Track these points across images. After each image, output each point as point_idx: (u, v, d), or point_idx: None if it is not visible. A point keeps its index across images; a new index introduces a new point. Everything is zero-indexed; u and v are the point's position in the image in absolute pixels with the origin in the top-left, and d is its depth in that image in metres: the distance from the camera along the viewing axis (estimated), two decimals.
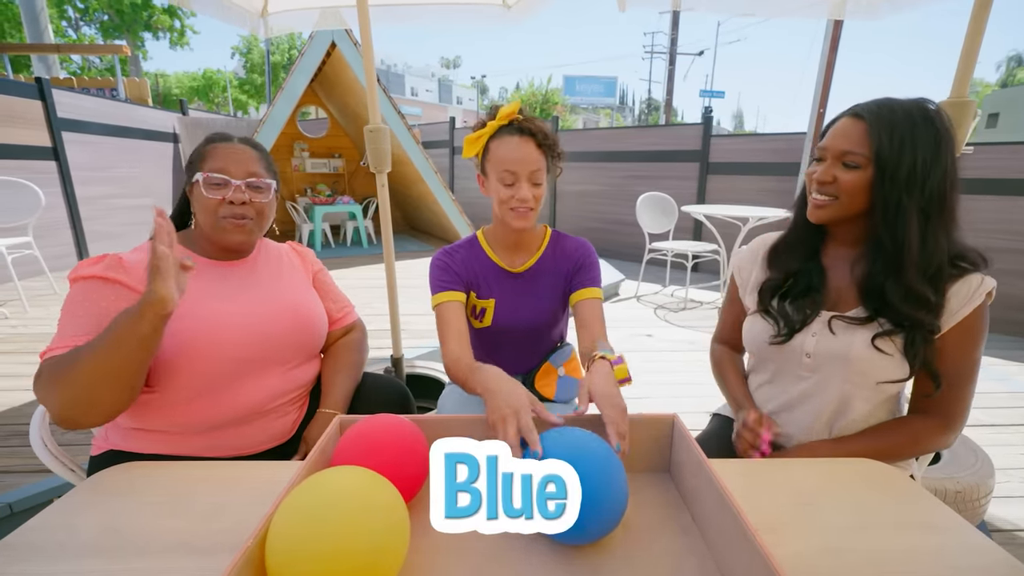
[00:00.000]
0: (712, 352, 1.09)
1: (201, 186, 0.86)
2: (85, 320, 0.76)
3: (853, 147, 0.78)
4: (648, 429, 0.71)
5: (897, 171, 0.75)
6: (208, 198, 0.86)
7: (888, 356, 0.79)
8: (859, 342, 0.80)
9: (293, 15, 2.27)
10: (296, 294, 0.98)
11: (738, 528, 0.50)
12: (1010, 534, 1.37)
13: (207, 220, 0.88)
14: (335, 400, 0.96)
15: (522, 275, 1.10)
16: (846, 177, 0.79)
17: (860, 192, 0.79)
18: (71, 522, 0.61)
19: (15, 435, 1.77)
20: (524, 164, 0.95)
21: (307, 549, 0.43)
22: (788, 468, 0.76)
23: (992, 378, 2.50)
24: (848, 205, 0.80)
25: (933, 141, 0.74)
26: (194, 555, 0.55)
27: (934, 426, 0.82)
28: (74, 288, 0.80)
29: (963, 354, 0.79)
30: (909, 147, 0.74)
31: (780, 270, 0.91)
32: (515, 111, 0.98)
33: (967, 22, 1.18)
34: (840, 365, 0.82)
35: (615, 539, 0.59)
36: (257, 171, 0.90)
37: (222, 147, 0.90)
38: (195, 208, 0.90)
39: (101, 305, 0.78)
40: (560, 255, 1.10)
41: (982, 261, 0.78)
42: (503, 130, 0.97)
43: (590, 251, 1.11)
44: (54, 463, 0.85)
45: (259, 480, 0.69)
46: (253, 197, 0.89)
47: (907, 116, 0.75)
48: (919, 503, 0.67)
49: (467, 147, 1.02)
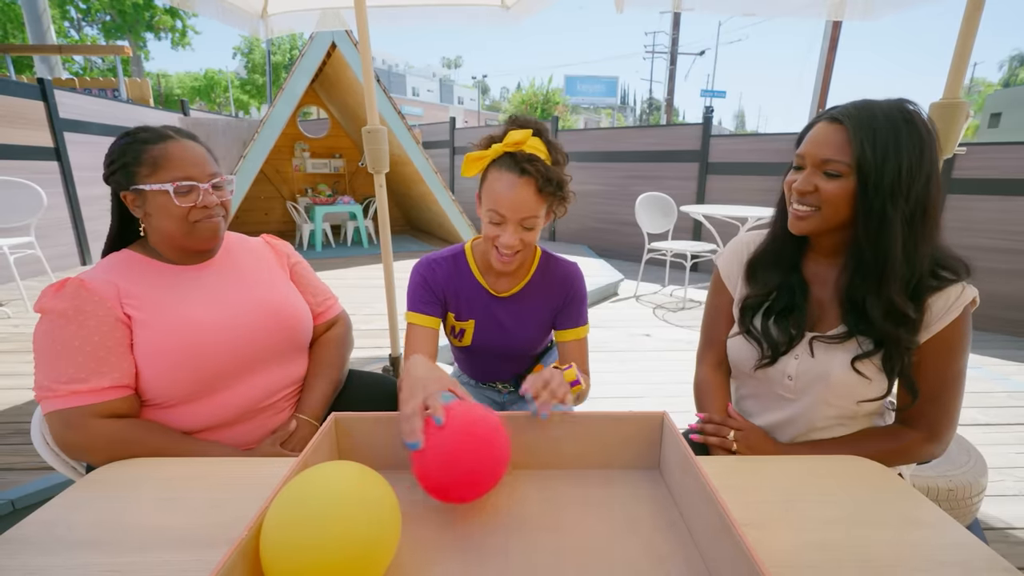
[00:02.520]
0: (697, 380, 0.97)
1: (171, 196, 0.82)
2: (84, 359, 0.77)
3: (834, 155, 0.73)
4: (638, 427, 0.72)
5: (881, 180, 0.71)
6: (179, 206, 0.83)
7: (867, 379, 0.77)
8: (839, 364, 0.78)
9: (293, 16, 2.29)
10: (274, 292, 0.96)
11: (722, 523, 0.51)
12: (1003, 532, 1.37)
13: (177, 227, 0.85)
14: (312, 407, 0.95)
15: (507, 300, 1.05)
16: (828, 187, 0.75)
17: (843, 202, 0.75)
18: (70, 517, 0.62)
19: (16, 433, 1.78)
20: (516, 209, 0.87)
21: (300, 539, 0.44)
22: (776, 465, 0.77)
23: (990, 378, 2.51)
24: (831, 216, 0.77)
25: (917, 146, 0.71)
26: (193, 548, 0.56)
27: (919, 438, 0.80)
28: (44, 321, 0.77)
29: (944, 366, 0.76)
30: (893, 154, 0.70)
31: (761, 285, 0.87)
32: (526, 139, 0.88)
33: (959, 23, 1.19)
34: (821, 387, 0.81)
35: (605, 535, 0.60)
36: (215, 170, 0.88)
37: (174, 147, 0.84)
38: (154, 215, 0.84)
39: (93, 340, 0.77)
40: (549, 282, 1.05)
41: (964, 270, 0.76)
42: (505, 161, 0.87)
43: (578, 282, 1.06)
44: (55, 460, 0.86)
45: (257, 476, 0.70)
46: (220, 197, 0.89)
47: (889, 120, 0.71)
48: (904, 499, 0.67)
49: (467, 166, 0.93)
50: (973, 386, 2.41)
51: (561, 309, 1.05)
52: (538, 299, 1.05)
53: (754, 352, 0.86)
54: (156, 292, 0.84)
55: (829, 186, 0.75)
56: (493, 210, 0.88)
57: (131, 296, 0.82)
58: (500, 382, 1.19)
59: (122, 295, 0.81)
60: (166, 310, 0.83)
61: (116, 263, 0.86)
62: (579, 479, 0.71)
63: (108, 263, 0.86)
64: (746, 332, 0.88)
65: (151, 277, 0.86)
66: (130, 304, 0.81)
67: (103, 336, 0.78)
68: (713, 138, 4.77)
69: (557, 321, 1.06)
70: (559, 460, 0.73)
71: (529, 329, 1.06)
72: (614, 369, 2.58)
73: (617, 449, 0.72)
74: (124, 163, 0.83)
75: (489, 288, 1.04)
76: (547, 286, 1.05)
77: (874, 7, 1.78)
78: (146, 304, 0.82)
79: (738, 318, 0.91)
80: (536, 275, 1.05)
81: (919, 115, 0.73)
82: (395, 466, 0.69)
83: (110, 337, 0.79)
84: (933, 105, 1.20)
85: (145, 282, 0.85)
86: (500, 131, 0.91)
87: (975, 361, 2.73)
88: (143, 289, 0.84)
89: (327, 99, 6.39)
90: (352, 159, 6.55)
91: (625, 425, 0.71)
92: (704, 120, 4.89)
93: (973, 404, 2.21)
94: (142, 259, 0.88)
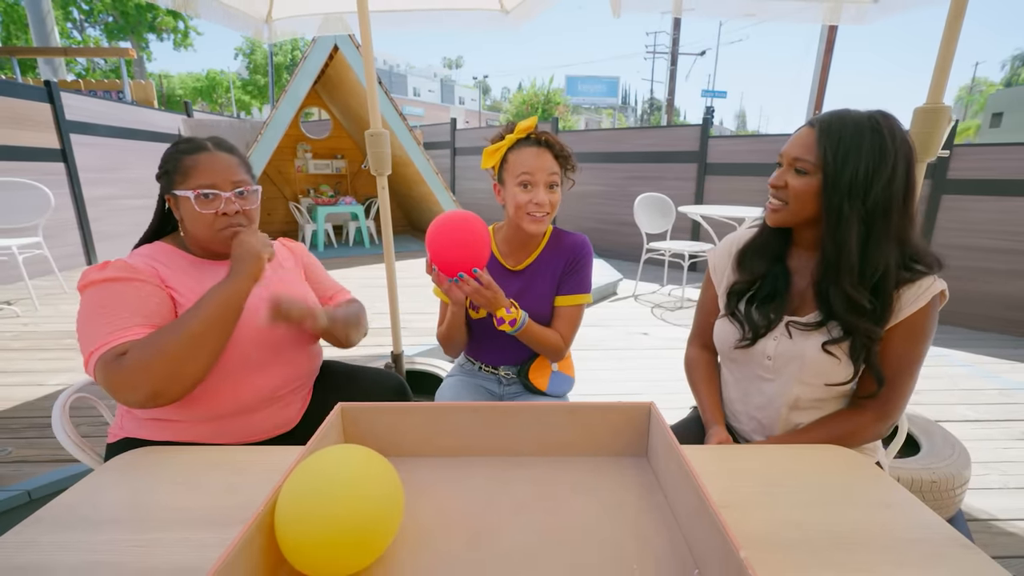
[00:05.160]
0: (687, 359, 1.10)
1: (192, 203, 0.88)
2: (127, 314, 0.79)
3: (803, 154, 0.82)
4: (627, 416, 0.76)
5: (839, 179, 0.78)
6: (201, 213, 0.89)
7: (836, 360, 0.83)
8: (811, 346, 0.85)
9: (297, 20, 2.33)
10: (291, 288, 1.02)
11: (701, 504, 0.55)
12: (986, 523, 1.41)
13: (202, 232, 0.91)
14: (331, 313, 1.01)
15: (520, 272, 1.15)
16: (796, 183, 0.83)
17: (808, 197, 0.83)
18: (96, 498, 0.67)
19: (30, 427, 1.83)
20: (542, 171, 1.03)
21: (312, 513, 0.48)
22: (757, 454, 0.81)
23: (982, 375, 2.55)
24: (798, 210, 0.84)
25: (878, 151, 0.77)
26: (211, 527, 0.60)
27: (869, 419, 0.85)
28: (90, 293, 0.82)
29: (903, 350, 0.82)
30: (853, 156, 0.77)
31: (748, 273, 0.95)
32: (532, 126, 1.06)
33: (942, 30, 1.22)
34: (796, 367, 0.87)
35: (593, 517, 0.65)
36: (242, 178, 0.93)
37: (204, 158, 0.90)
38: (184, 219, 0.92)
39: (134, 303, 0.81)
40: (557, 251, 1.15)
41: (936, 264, 0.81)
42: (521, 142, 1.06)
43: (586, 250, 1.15)
44: (76, 451, 0.91)
45: (269, 463, 0.74)
46: (243, 205, 0.92)
47: (855, 126, 0.78)
48: (877, 484, 0.72)
49: (486, 158, 1.10)
50: (965, 383, 2.45)
51: (565, 274, 1.14)
52: (548, 270, 1.15)
53: (736, 332, 0.93)
54: (188, 280, 0.90)
55: (797, 182, 0.83)
56: (524, 174, 1.03)
57: (169, 279, 0.88)
58: (504, 367, 1.23)
59: (162, 277, 0.87)
60: (189, 296, 0.87)
61: (151, 252, 0.92)
62: (570, 465, 0.75)
63: (144, 252, 0.92)
64: (730, 315, 0.95)
65: (184, 266, 0.92)
66: (169, 287, 0.87)
67: (147, 298, 0.82)
68: (711, 139, 4.81)
69: (559, 287, 1.14)
70: (551, 448, 0.77)
71: (539, 300, 1.14)
72: (612, 367, 2.62)
73: (606, 437, 0.77)
74: (166, 170, 0.92)
75: (504, 262, 1.16)
76: (556, 256, 1.15)
77: (867, 12, 1.82)
78: (182, 288, 0.88)
79: (724, 302, 0.98)
80: (547, 247, 1.16)
81: (890, 126, 0.79)
82: (398, 452, 0.74)
83: (153, 300, 0.83)
84: (917, 110, 1.24)
85: (179, 270, 0.91)
86: (507, 128, 1.08)
87: (968, 359, 2.77)
88: (178, 276, 0.89)
89: (329, 100, 6.44)
90: (354, 160, 6.60)
91: (614, 415, 0.76)
92: (703, 121, 4.93)
93: (963, 401, 2.25)
94: (174, 250, 0.94)
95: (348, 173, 6.57)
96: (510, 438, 0.76)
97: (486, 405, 0.76)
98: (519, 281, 1.15)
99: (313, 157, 6.35)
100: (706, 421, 0.99)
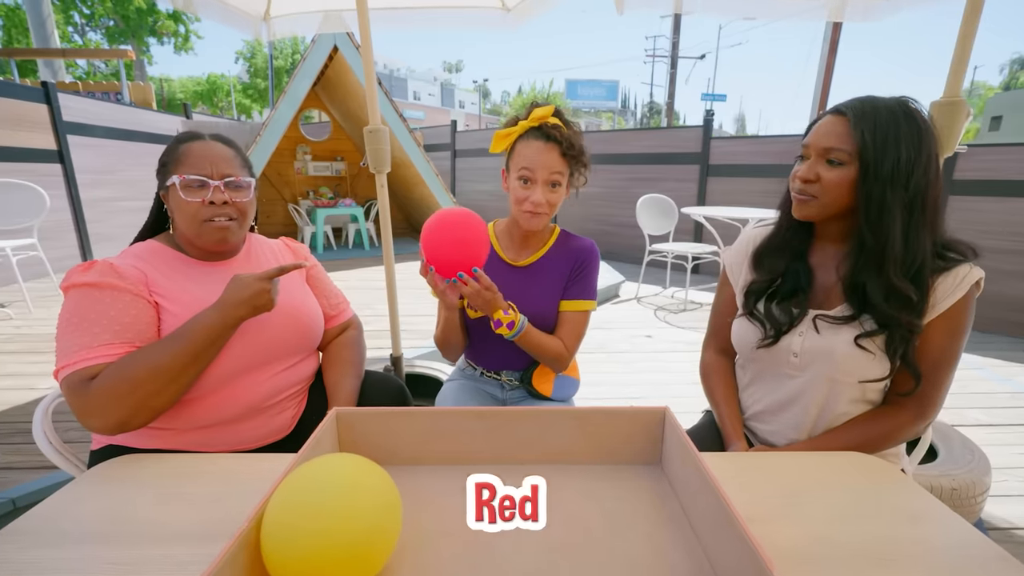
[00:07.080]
0: (703, 364, 1.05)
1: (178, 189, 0.84)
2: (100, 329, 0.75)
3: (836, 144, 0.77)
4: (640, 422, 0.72)
5: (880, 168, 0.74)
6: (187, 201, 0.84)
7: (870, 354, 0.79)
8: (843, 341, 0.81)
9: (295, 19, 2.30)
10: (291, 294, 0.97)
11: (726, 517, 0.51)
12: (1007, 532, 1.37)
13: (188, 223, 0.86)
14: (346, 401, 0.96)
15: (523, 269, 1.11)
16: (829, 175, 0.79)
17: (844, 189, 0.78)
18: (75, 510, 0.62)
19: (18, 432, 1.79)
20: (543, 168, 0.97)
21: (300, 528, 0.44)
22: (778, 461, 0.77)
23: (994, 379, 2.50)
24: (831, 203, 0.80)
25: (916, 138, 0.74)
26: (195, 542, 0.56)
27: (908, 417, 0.82)
28: (71, 296, 0.78)
29: (944, 344, 0.79)
30: (892, 143, 0.74)
31: (766, 272, 0.91)
32: (548, 114, 0.99)
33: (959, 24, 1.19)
34: (826, 363, 0.83)
35: (604, 529, 0.60)
36: (234, 170, 0.88)
37: (195, 146, 0.87)
38: (173, 212, 0.88)
39: (110, 314, 0.77)
40: (564, 254, 1.11)
41: (971, 252, 0.78)
42: (531, 132, 0.99)
43: (593, 255, 1.11)
44: (57, 458, 0.86)
45: (258, 472, 0.70)
46: (233, 197, 0.88)
47: (890, 113, 0.75)
48: (908, 495, 0.67)
49: (496, 142, 1.04)
50: (976, 387, 2.40)
51: (571, 278, 1.09)
52: (553, 271, 1.10)
53: (757, 332, 0.89)
54: (179, 283, 0.85)
55: (831, 174, 0.79)
56: (524, 169, 0.98)
57: (157, 284, 0.83)
58: (507, 372, 1.18)
59: (149, 282, 0.82)
60: (188, 302, 0.83)
61: (142, 252, 0.87)
62: (581, 474, 0.70)
63: (134, 251, 0.87)
64: (749, 314, 0.91)
65: (176, 267, 0.88)
66: (156, 292, 0.82)
67: (126, 308, 0.78)
68: (713, 140, 4.78)
69: (564, 291, 1.10)
70: (561, 455, 0.72)
71: (541, 299, 1.09)
72: (616, 370, 2.58)
73: (619, 444, 0.72)
74: (163, 162, 0.88)
75: (507, 258, 1.11)
76: (562, 258, 1.10)
77: (874, 8, 1.79)
78: (170, 293, 0.83)
79: (742, 301, 0.94)
80: (553, 248, 1.12)
81: (919, 111, 0.76)
82: (396, 460, 0.70)
83: (131, 312, 0.78)
84: (934, 104, 1.20)
85: (170, 271, 0.86)
86: (524, 112, 1.02)
87: (978, 362, 2.72)
88: (168, 278, 0.85)
89: (329, 102, 6.42)
90: (353, 162, 6.57)
91: (627, 421, 0.71)
92: (704, 123, 4.90)
93: (976, 405, 2.20)
94: (166, 250, 0.89)
95: (348, 175, 6.55)
96: (514, 445, 0.72)
97: (489, 410, 0.72)
98: (520, 278, 1.10)
99: (313, 159, 6.32)
100: (726, 435, 0.93)
